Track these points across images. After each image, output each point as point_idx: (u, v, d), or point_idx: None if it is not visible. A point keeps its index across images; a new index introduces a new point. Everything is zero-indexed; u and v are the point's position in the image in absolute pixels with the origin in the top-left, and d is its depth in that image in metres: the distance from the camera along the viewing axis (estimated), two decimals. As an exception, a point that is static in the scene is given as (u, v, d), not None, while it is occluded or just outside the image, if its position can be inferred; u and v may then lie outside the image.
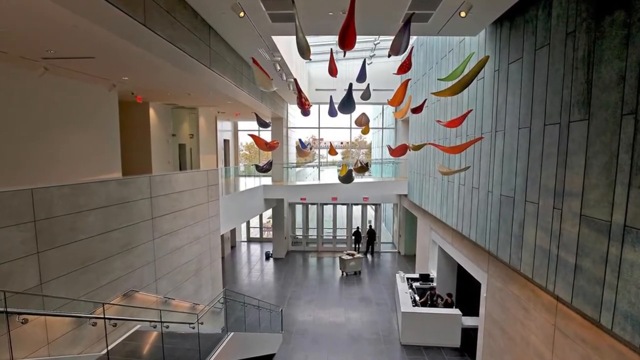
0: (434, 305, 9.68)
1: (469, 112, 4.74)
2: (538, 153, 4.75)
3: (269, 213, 19.36)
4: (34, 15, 3.92)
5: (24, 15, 3.95)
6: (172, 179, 7.09)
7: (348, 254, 14.84)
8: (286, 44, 8.76)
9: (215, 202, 8.94)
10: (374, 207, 19.30)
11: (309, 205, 18.88)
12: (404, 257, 17.26)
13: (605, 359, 3.81)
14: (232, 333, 6.55)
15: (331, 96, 5.92)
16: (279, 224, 17.11)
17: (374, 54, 14.20)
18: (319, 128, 18.09)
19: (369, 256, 17.48)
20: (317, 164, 19.58)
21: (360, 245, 17.92)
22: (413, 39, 11.80)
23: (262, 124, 5.69)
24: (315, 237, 18.70)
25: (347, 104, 4.65)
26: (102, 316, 4.24)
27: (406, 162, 14.77)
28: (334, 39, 11.56)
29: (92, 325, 4.12)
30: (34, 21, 4.14)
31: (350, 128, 18.31)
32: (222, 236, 10.52)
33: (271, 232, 18.28)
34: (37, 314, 3.67)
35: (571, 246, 4.08)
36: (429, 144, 5.92)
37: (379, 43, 13.03)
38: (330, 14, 5.46)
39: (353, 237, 17.92)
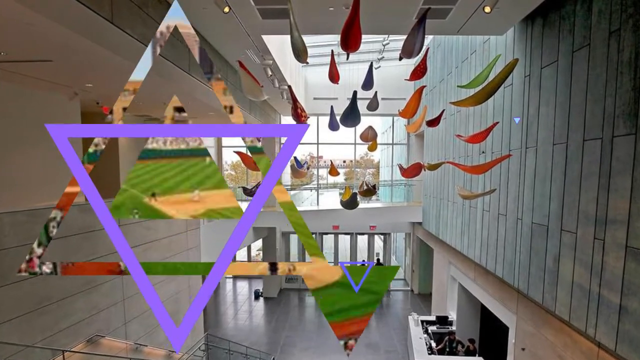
0: (453, 352, 9.56)
1: (494, 125, 4.75)
2: (576, 173, 4.74)
3: (258, 244, 19.21)
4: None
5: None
6: (144, 203, 7.04)
7: (352, 293, 14.64)
8: (279, 45, 8.90)
9: (195, 231, 8.88)
10: (382, 237, 19.22)
11: (306, 234, 18.71)
12: (418, 296, 17.07)
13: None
14: (213, 388, 6.40)
15: (332, 106, 5.96)
16: (271, 257, 16.95)
17: (383, 57, 14.43)
18: (317, 144, 18.16)
19: (377, 295, 17.25)
20: (316, 186, 19.59)
21: (366, 282, 17.68)
22: (429, 39, 12.02)
23: (251, 139, 5.68)
24: (313, 272, 18.46)
25: (351, 116, 4.67)
26: (61, 366, 4.19)
27: (420, 184, 14.79)
28: (336, 38, 11.75)
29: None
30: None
31: (355, 144, 18.40)
32: (202, 271, 10.36)
33: (261, 266, 18.03)
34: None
35: (615, 283, 4.03)
36: (448, 162, 5.92)
37: (388, 44, 13.23)
38: (331, 9, 5.54)
39: (358, 272, 17.72)
